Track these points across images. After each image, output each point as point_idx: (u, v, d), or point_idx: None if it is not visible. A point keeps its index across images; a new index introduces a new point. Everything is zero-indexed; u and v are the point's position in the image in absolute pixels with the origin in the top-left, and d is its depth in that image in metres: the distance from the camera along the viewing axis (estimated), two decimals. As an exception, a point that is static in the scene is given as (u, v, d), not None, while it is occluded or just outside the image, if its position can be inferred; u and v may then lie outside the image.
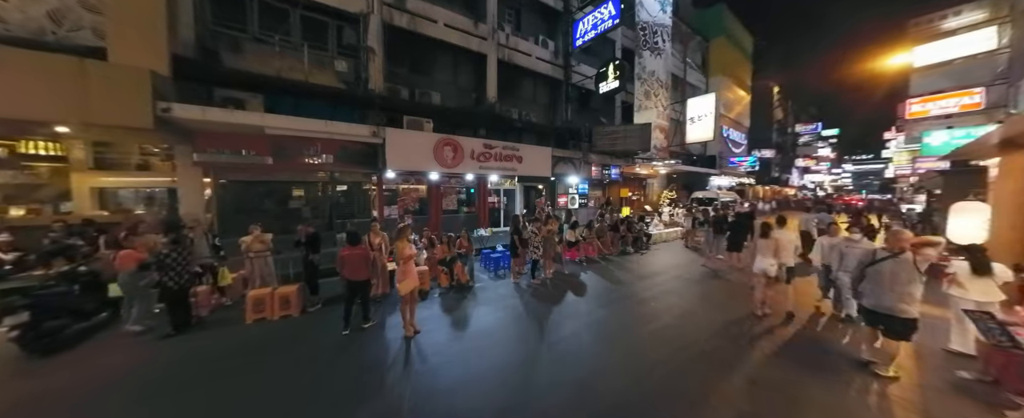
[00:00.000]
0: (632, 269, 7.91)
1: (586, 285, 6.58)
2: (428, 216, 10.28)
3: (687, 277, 7.24)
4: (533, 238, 6.59)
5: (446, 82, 10.64)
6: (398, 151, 7.93)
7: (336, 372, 3.59)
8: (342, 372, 3.60)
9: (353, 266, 4.43)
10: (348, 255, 4.43)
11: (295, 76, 7.70)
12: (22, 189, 8.29)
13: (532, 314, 5.12)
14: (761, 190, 33.76)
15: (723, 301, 5.72)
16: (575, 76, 13.00)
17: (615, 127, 12.31)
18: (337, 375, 3.53)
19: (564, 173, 12.11)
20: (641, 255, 9.40)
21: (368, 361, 3.83)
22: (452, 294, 6.05)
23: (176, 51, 6.37)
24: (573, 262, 8.32)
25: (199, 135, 6.87)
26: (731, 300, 5.73)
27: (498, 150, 9.57)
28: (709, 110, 14.98)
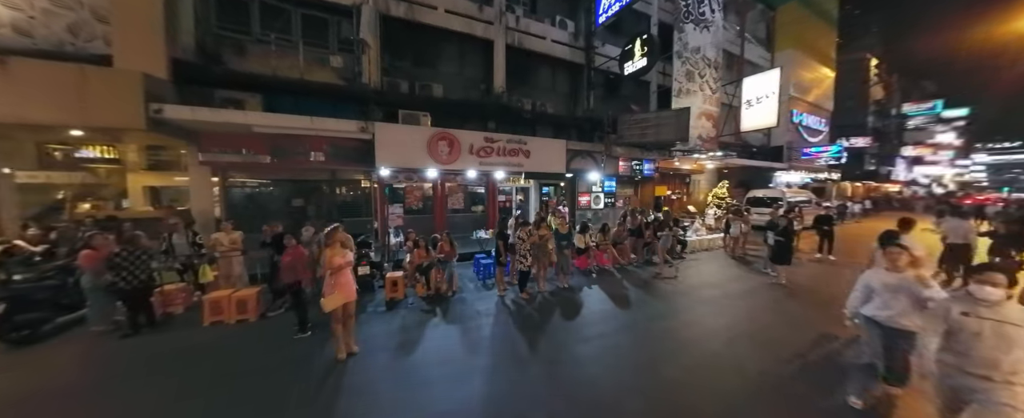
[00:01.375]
0: (652, 284, 6.45)
1: (584, 304, 5.39)
2: (432, 216, 9.82)
3: (720, 297, 5.60)
4: (520, 245, 5.60)
5: (452, 74, 10.02)
6: (389, 147, 7.49)
7: (233, 393, 3.10)
8: (240, 393, 3.08)
9: (286, 270, 4.03)
10: (282, 259, 4.02)
11: (291, 75, 7.68)
12: (88, 188, 9.63)
13: (503, 341, 4.18)
14: (849, 187, 27.81)
15: (785, 343, 4.15)
16: (599, 59, 11.50)
17: (645, 114, 10.57)
18: (230, 397, 3.02)
19: (583, 169, 10.76)
20: (670, 266, 7.78)
21: (278, 384, 3.27)
22: (424, 305, 5.36)
23: (176, 55, 6.64)
24: (582, 272, 7.12)
25: (203, 136, 7.13)
26: (793, 349, 4.14)
27: (501, 144, 8.67)
28: (771, 90, 12.24)
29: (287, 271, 4.16)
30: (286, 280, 4.20)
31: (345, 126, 7.18)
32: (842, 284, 6.16)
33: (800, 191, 17.08)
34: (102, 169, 9.35)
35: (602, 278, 6.82)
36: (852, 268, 7.45)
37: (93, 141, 8.99)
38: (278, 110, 7.33)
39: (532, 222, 6.12)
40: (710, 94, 13.79)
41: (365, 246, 6.79)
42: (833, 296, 5.50)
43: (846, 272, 7.23)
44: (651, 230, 8.31)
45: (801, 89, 19.92)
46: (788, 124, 19.01)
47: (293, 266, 4.14)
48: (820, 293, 5.87)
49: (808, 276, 7.02)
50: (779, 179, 19.09)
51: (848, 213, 17.23)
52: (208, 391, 3.21)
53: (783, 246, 6.40)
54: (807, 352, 3.88)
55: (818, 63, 21.43)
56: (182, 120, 6.18)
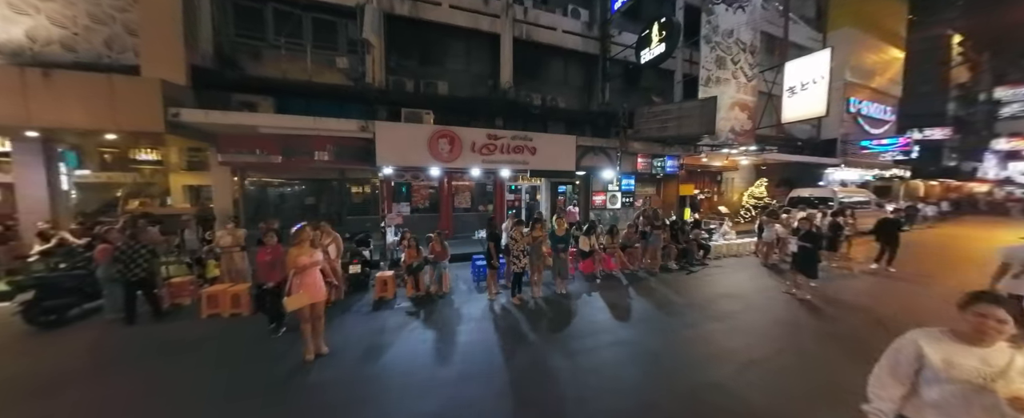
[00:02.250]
0: (662, 293, 5.81)
1: (577, 314, 4.93)
2: (438, 214, 9.75)
3: (735, 313, 4.87)
4: (513, 245, 5.26)
5: (458, 71, 9.86)
6: (388, 145, 7.47)
7: (192, 386, 3.10)
8: (196, 387, 3.08)
9: (263, 268, 4.08)
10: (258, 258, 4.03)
11: (302, 77, 7.92)
12: (138, 187, 10.72)
13: (478, 350, 3.87)
14: (922, 186, 24.07)
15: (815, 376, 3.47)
16: (616, 48, 10.77)
17: (665, 106, 9.70)
18: (187, 390, 3.02)
19: (596, 166, 10.13)
20: (688, 273, 7.02)
21: (236, 380, 3.23)
22: (410, 307, 5.20)
23: (195, 62, 7.07)
24: (586, 277, 6.63)
25: (221, 137, 7.55)
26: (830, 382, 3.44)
27: (505, 141, 8.35)
28: (820, 74, 10.72)
29: (265, 269, 4.16)
30: (263, 279, 4.20)
31: (346, 126, 7.25)
32: (894, 304, 5.14)
33: (858, 190, 14.98)
34: (147, 169, 10.35)
35: (606, 285, 6.27)
36: (913, 284, 6.26)
37: (139, 144, 9.97)
38: (290, 111, 7.59)
39: (528, 222, 5.75)
40: (745, 82, 12.47)
41: (363, 244, 6.82)
42: (874, 321, 4.57)
43: (904, 289, 6.06)
44: (667, 233, 7.58)
45: (860, 73, 17.47)
46: (843, 114, 16.76)
47: (272, 264, 4.13)
48: (856, 314, 4.89)
49: (853, 291, 5.96)
50: (831, 177, 16.90)
51: (919, 217, 14.82)
52: (168, 384, 3.25)
53: (807, 254, 5.46)
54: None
55: (883, 43, 18.67)
56: (196, 123, 6.55)
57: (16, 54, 6.27)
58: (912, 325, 1.69)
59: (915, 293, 5.84)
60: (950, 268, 7.54)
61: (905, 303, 5.32)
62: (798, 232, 5.73)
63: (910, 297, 5.63)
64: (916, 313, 4.85)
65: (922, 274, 6.88)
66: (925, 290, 5.94)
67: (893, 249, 7.08)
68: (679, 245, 7.59)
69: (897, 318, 4.62)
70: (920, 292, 5.88)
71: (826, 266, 7.43)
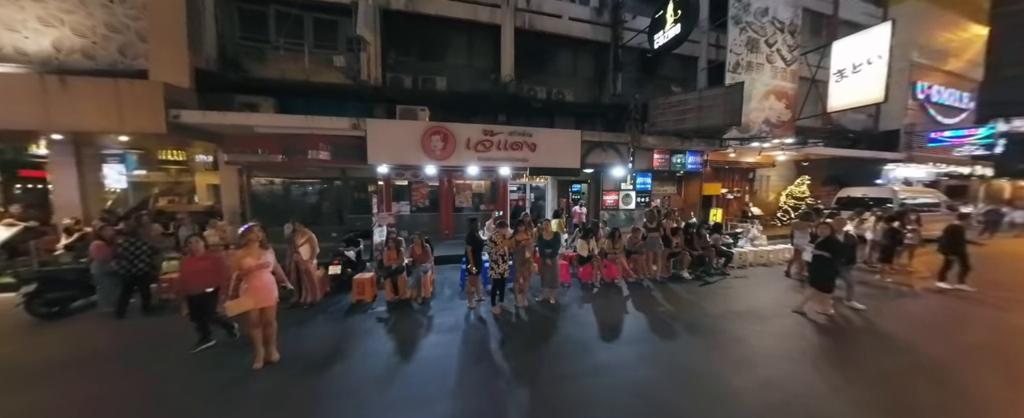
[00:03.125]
0: (665, 308, 5.06)
1: (560, 330, 4.37)
2: (438, 214, 9.50)
3: (743, 339, 4.05)
4: (492, 249, 4.80)
5: (460, 65, 9.53)
6: (380, 143, 7.28)
7: (128, 388, 2.95)
8: (131, 389, 2.92)
9: (190, 276, 3.72)
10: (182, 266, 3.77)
11: (299, 77, 7.96)
12: (169, 186, 11.48)
13: (437, 370, 3.45)
14: (1009, 187, 20.42)
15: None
16: (629, 34, 9.90)
17: (682, 95, 8.70)
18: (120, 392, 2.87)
19: (605, 163, 9.36)
20: (702, 285, 6.17)
21: (176, 385, 3.05)
22: (383, 313, 4.92)
23: (200, 65, 7.29)
24: (583, 285, 6.02)
25: (226, 138, 7.77)
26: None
27: (502, 137, 7.88)
28: (877, 53, 9.18)
29: (192, 278, 3.68)
30: (188, 288, 3.72)
31: (338, 124, 7.15)
32: (961, 338, 4.05)
33: (925, 190, 12.88)
34: (172, 169, 11.04)
35: (603, 295, 5.62)
36: (994, 308, 5.00)
37: (165, 145, 10.62)
38: (292, 111, 7.64)
39: (516, 223, 5.25)
40: (783, 67, 11.05)
41: (353, 244, 6.67)
42: (932, 367, 3.57)
43: (979, 315, 4.85)
44: (680, 238, 6.74)
45: (930, 54, 15.01)
46: (907, 101, 14.49)
47: (202, 272, 3.70)
48: (901, 352, 3.90)
49: (908, 316, 4.85)
50: (892, 174, 14.69)
51: (1004, 223, 12.42)
52: (111, 384, 3.15)
53: (822, 265, 4.52)
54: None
55: (961, 18, 15.93)
56: (196, 124, 6.71)
57: (45, 63, 6.76)
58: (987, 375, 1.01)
59: (993, 322, 4.64)
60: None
61: (978, 338, 4.20)
62: (815, 238, 4.77)
63: (986, 328, 4.46)
64: (994, 353, 3.77)
65: (1004, 296, 5.51)
66: (1010, 318, 4.70)
67: (963, 263, 5.76)
68: (694, 251, 6.72)
69: (964, 359, 3.61)
70: (1001, 321, 4.67)
71: (879, 281, 6.26)
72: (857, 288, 5.29)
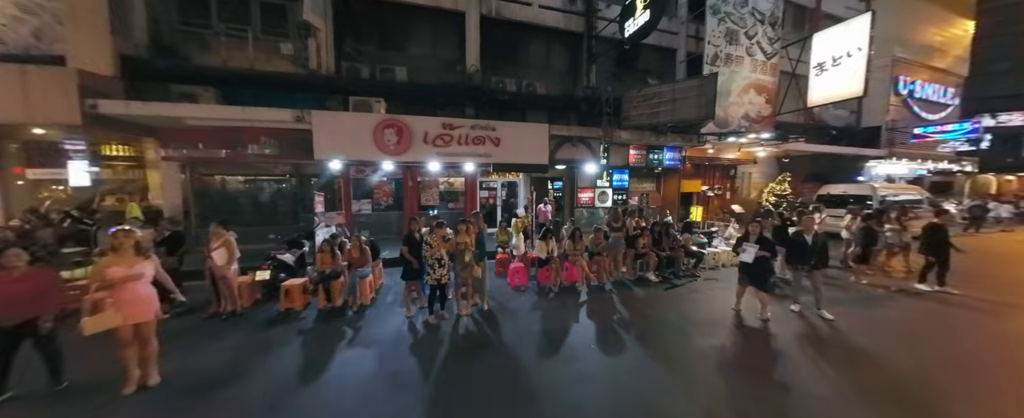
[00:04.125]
0: (622, 315, 4.64)
1: (496, 344, 3.92)
2: (402, 213, 8.99)
3: (712, 356, 3.64)
4: (428, 253, 4.32)
5: (424, 56, 8.98)
6: (327, 137, 6.75)
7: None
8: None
9: (18, 302, 2.70)
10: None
11: (247, 65, 7.37)
12: (117, 184, 10.78)
13: (338, 395, 2.99)
14: (995, 181, 20.45)
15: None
16: (602, 23, 9.43)
17: (656, 88, 8.28)
18: None
19: (577, 159, 8.92)
20: (667, 289, 5.76)
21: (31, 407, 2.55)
22: (307, 324, 4.43)
23: (128, 52, 6.68)
24: (541, 289, 5.59)
25: (162, 131, 7.18)
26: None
27: (462, 131, 7.39)
28: (857, 45, 8.85)
29: (24, 304, 2.73)
30: (19, 315, 2.74)
31: (279, 116, 6.60)
32: (939, 350, 3.68)
33: (907, 187, 12.66)
34: (120, 166, 10.36)
35: (559, 300, 5.18)
36: (976, 312, 4.65)
37: (110, 139, 9.93)
38: (239, 103, 7.05)
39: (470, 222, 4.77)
40: (763, 60, 10.71)
41: (296, 246, 6.15)
42: (908, 380, 3.22)
43: (960, 320, 4.51)
44: (648, 237, 6.33)
45: (914, 49, 14.79)
46: (889, 96, 14.26)
47: (35, 296, 2.77)
48: (872, 368, 3.52)
49: (883, 325, 4.48)
50: (874, 171, 14.48)
51: (989, 218, 12.26)
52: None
53: (756, 265, 4.28)
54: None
55: (946, 12, 15.74)
56: (118, 115, 6.13)
57: (-57, 47, 6.11)
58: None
59: (975, 330, 4.29)
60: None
61: (956, 350, 3.84)
62: (747, 236, 4.45)
63: (967, 338, 4.11)
64: (973, 369, 3.41)
65: (991, 299, 5.18)
66: (993, 324, 4.35)
67: (943, 263, 5.42)
68: (662, 252, 6.31)
69: (939, 377, 3.24)
70: (982, 328, 4.32)
71: (855, 283, 5.91)
72: (831, 293, 4.92)
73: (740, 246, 4.57)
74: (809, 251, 4.43)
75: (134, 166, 10.34)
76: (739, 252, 4.53)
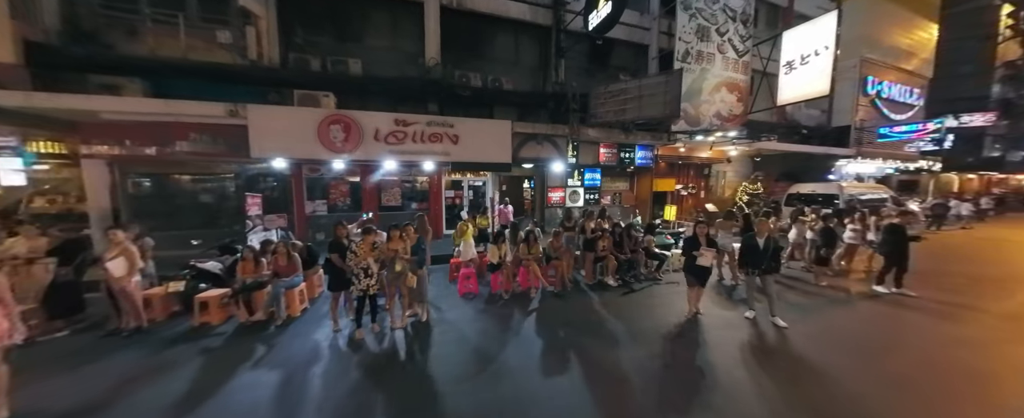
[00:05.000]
0: (573, 326, 4.34)
1: (426, 363, 3.56)
2: (361, 213, 8.50)
3: (654, 374, 3.37)
4: (353, 261, 3.91)
5: (383, 48, 8.49)
6: (265, 133, 6.22)
7: None
8: None
9: None
10: None
11: (175, 54, 6.74)
12: (53, 183, 9.90)
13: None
14: (957, 180, 21.24)
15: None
16: (570, 16, 9.11)
17: (623, 84, 8.02)
18: None
19: (542, 157, 8.61)
20: (624, 294, 5.49)
21: None
22: (213, 341, 3.97)
23: (35, 37, 5.98)
24: (492, 297, 5.25)
25: (82, 127, 6.51)
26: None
27: (417, 128, 6.97)
28: (823, 43, 8.80)
29: None
30: None
31: (210, 110, 6.05)
32: (901, 359, 3.49)
33: (874, 186, 12.86)
34: (52, 164, 9.49)
35: (506, 309, 4.85)
36: (933, 317, 4.53)
37: (36, 136, 9.08)
38: (173, 95, 6.42)
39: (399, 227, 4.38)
40: (735, 58, 10.59)
41: (229, 252, 5.62)
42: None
43: (916, 324, 4.37)
44: (608, 240, 6.05)
45: (882, 50, 15.06)
46: (857, 96, 14.47)
47: None
48: (821, 384, 3.32)
49: (836, 332, 4.31)
50: (844, 170, 14.71)
51: (950, 216, 12.56)
52: None
53: (695, 267, 4.29)
54: None
55: (912, 14, 16.09)
56: (17, 107, 5.47)
57: None
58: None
59: (930, 337, 4.15)
60: (992, 288, 5.70)
61: (908, 361, 3.68)
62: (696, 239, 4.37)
63: (921, 345, 3.96)
64: (925, 383, 3.23)
65: (946, 301, 5.10)
66: (949, 330, 4.23)
67: (901, 264, 5.33)
68: (622, 255, 6.05)
69: (887, 394, 3.05)
70: (938, 335, 4.20)
71: (815, 285, 5.77)
72: (791, 296, 4.76)
73: (692, 249, 4.38)
74: (760, 254, 4.22)
75: (70, 164, 9.54)
76: (695, 255, 4.32)
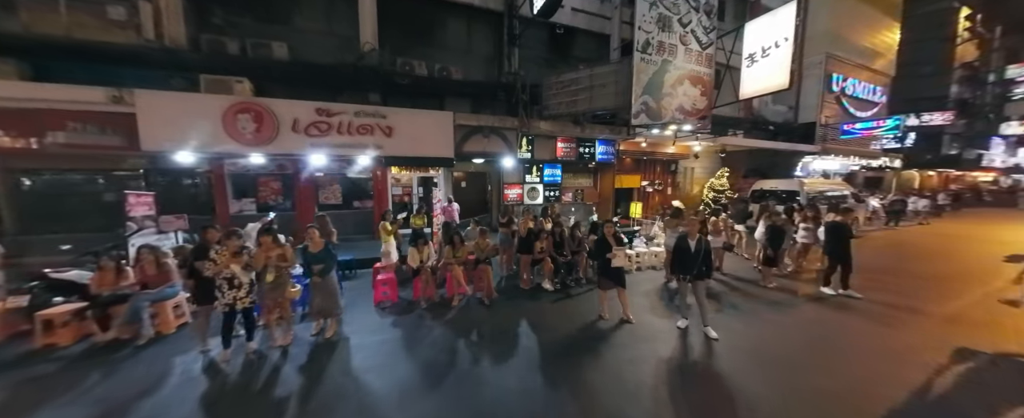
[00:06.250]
0: (473, 340, 3.85)
1: (289, 397, 2.99)
2: (295, 213, 7.77)
3: (560, 407, 2.90)
4: (210, 270, 3.28)
5: (316, 31, 7.74)
6: (157, 123, 5.44)
7: None
8: None
9: None
10: None
11: (56, 32, 5.84)
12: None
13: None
14: (918, 176, 21.90)
15: None
16: (523, 1, 8.55)
17: (574, 73, 7.56)
18: None
19: (488, 152, 8.06)
20: (555, 302, 5.02)
21: None
22: (49, 367, 3.28)
23: None
24: (412, 304, 4.70)
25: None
26: None
27: (343, 118, 6.30)
28: (783, 35, 8.57)
29: None
30: None
31: (85, 95, 5.24)
32: (839, 374, 3.10)
33: (837, 183, 12.90)
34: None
35: (421, 320, 4.31)
36: (875, 322, 4.23)
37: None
38: (60, 79, 5.53)
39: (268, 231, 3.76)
40: (698, 50, 10.24)
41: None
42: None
43: (858, 332, 4.06)
44: (547, 241, 5.58)
45: (847, 47, 15.15)
46: (822, 93, 14.52)
47: None
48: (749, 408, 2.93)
49: (773, 341, 3.96)
50: (811, 166, 14.78)
51: (908, 212, 12.72)
52: None
53: (610, 269, 4.07)
54: None
55: (876, 12, 16.27)
56: None
57: None
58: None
59: (871, 345, 3.84)
60: (937, 287, 5.52)
61: (834, 381, 3.34)
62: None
63: (862, 357, 3.64)
64: (843, 411, 2.86)
65: (892, 303, 4.85)
66: (892, 337, 3.93)
67: (846, 265, 5.06)
68: (563, 256, 5.59)
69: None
70: (880, 342, 3.89)
71: (763, 288, 5.46)
72: (732, 299, 4.40)
73: (603, 253, 4.04)
74: (692, 258, 3.81)
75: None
76: (609, 257, 3.93)
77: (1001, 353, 3.47)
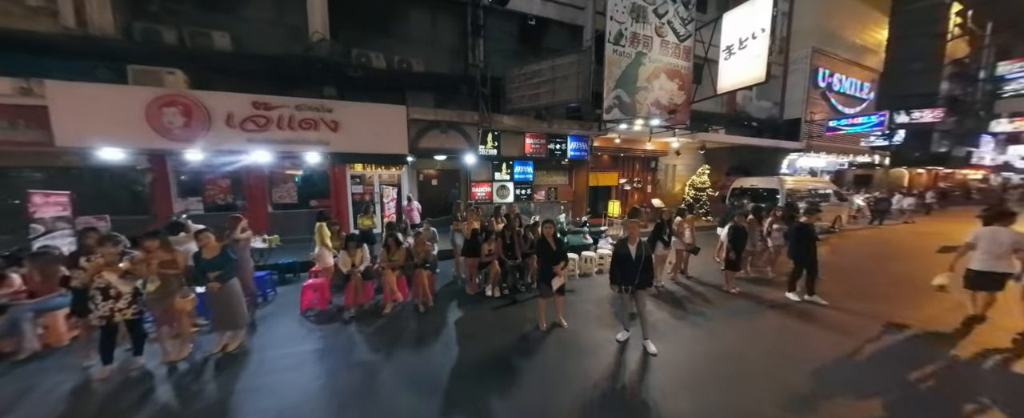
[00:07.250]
0: (387, 356, 3.51)
1: (187, 406, 2.64)
2: (247, 213, 7.36)
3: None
4: (81, 277, 2.91)
5: (262, 20, 7.32)
6: (72, 116, 5.03)
7: None
8: None
9: None
10: None
11: None
12: None
13: None
14: (907, 174, 21.70)
15: None
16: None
17: (535, 65, 7.18)
18: None
19: (446, 148, 7.68)
20: (501, 308, 4.68)
21: None
22: None
23: None
24: (340, 311, 4.35)
25: None
26: None
27: (283, 112, 5.91)
28: (760, 26, 8.20)
29: None
30: None
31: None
32: (792, 391, 2.75)
33: (820, 181, 12.59)
34: None
35: (343, 331, 3.96)
36: (839, 333, 3.90)
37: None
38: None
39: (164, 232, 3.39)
40: (676, 42, 9.90)
41: (13, 263, 4.47)
42: None
43: (818, 343, 3.74)
44: (496, 243, 5.22)
45: (834, 41, 14.82)
46: (808, 88, 14.20)
47: None
48: None
49: (727, 355, 3.63)
50: (798, 164, 14.49)
51: (893, 210, 12.47)
52: None
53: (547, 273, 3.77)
54: None
55: (865, 7, 15.93)
56: None
57: None
58: None
59: (830, 358, 3.53)
60: (911, 292, 5.20)
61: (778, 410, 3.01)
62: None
63: (819, 370, 3.32)
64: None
65: (859, 311, 4.52)
66: (852, 347, 3.62)
67: (811, 270, 4.74)
68: (512, 260, 5.25)
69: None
70: (840, 354, 3.58)
71: (726, 293, 5.14)
72: (690, 305, 4.09)
73: (543, 253, 3.68)
74: (632, 266, 3.46)
75: None
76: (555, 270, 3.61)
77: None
